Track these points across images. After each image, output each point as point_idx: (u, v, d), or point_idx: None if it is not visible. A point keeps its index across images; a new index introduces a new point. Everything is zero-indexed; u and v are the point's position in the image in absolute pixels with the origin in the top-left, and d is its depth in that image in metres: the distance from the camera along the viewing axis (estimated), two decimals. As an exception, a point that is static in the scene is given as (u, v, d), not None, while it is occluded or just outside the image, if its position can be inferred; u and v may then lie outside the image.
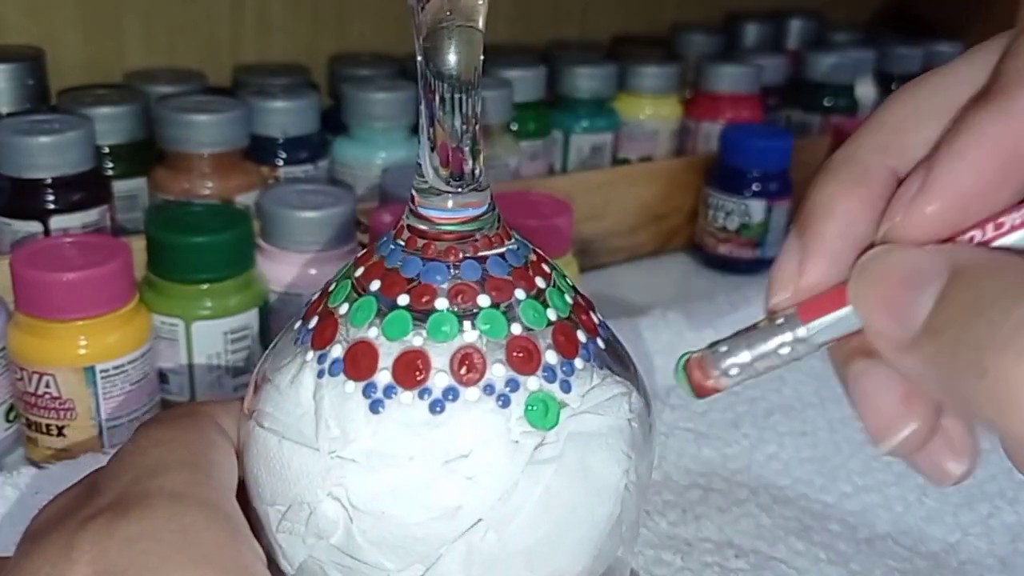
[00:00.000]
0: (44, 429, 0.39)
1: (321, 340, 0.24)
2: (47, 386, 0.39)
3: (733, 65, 0.72)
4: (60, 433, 0.39)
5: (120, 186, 0.53)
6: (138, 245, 0.43)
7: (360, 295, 0.24)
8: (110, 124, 0.52)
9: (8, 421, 0.41)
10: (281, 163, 0.56)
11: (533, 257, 0.26)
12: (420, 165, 0.24)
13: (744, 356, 0.20)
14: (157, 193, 0.53)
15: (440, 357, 0.23)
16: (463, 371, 0.23)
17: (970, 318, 0.16)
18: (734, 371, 0.20)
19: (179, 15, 0.65)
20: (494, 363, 0.23)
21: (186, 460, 0.23)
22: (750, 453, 0.42)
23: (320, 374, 0.24)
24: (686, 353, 0.21)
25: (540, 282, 0.25)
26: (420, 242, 0.24)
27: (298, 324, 0.26)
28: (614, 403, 0.24)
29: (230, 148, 0.52)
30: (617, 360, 0.26)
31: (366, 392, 0.23)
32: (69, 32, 0.61)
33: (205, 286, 0.42)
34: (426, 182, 0.24)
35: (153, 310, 0.42)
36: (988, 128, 0.18)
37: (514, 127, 0.65)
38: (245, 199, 0.52)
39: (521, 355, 0.23)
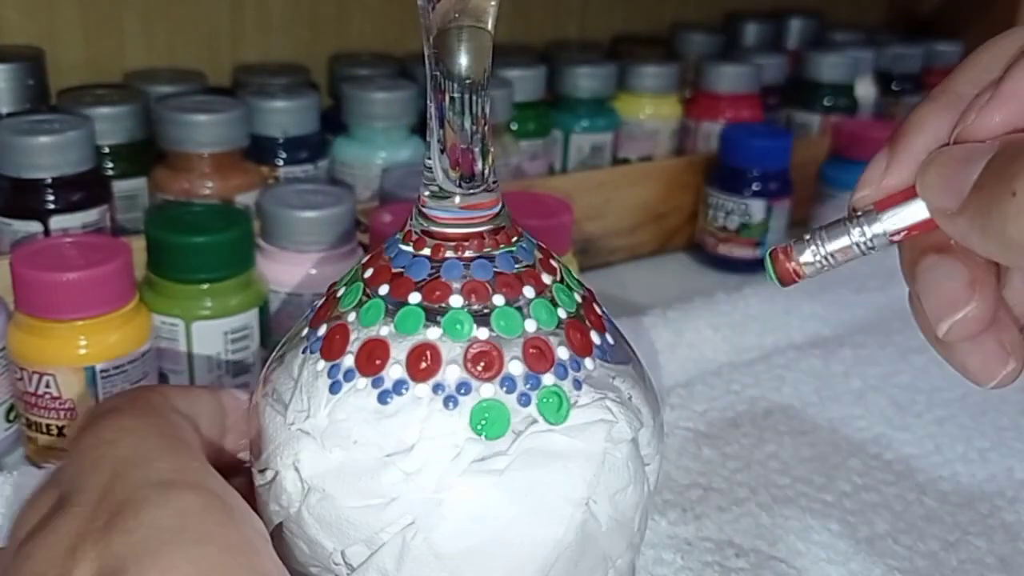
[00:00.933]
0: (44, 429, 0.40)
1: (331, 351, 0.24)
2: (47, 386, 0.39)
3: (733, 65, 0.72)
4: (60, 433, 0.39)
5: (120, 186, 0.53)
6: (138, 245, 0.43)
7: (369, 298, 0.24)
8: (110, 124, 0.52)
9: (8, 421, 0.41)
10: (281, 163, 0.56)
11: (539, 257, 0.25)
12: (429, 167, 0.24)
13: (823, 244, 0.22)
14: (157, 193, 0.53)
15: (402, 352, 0.23)
16: (421, 365, 0.23)
17: (1007, 162, 0.19)
18: (815, 258, 0.23)
19: (179, 15, 0.65)
20: (450, 364, 0.23)
21: (161, 446, 0.23)
22: (750, 453, 0.42)
23: (308, 354, 0.25)
24: (773, 246, 0.24)
25: (529, 292, 0.24)
26: (429, 242, 0.24)
27: (305, 331, 0.26)
28: (590, 428, 0.23)
29: (230, 148, 0.52)
30: (621, 363, 0.26)
31: (331, 373, 0.23)
32: (69, 32, 0.61)
33: (205, 286, 0.42)
34: (436, 184, 0.24)
35: (153, 310, 0.42)
36: None
37: (514, 127, 0.65)
38: (245, 199, 0.52)
39: (482, 362, 0.23)
